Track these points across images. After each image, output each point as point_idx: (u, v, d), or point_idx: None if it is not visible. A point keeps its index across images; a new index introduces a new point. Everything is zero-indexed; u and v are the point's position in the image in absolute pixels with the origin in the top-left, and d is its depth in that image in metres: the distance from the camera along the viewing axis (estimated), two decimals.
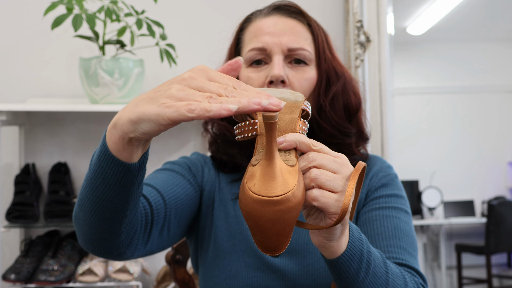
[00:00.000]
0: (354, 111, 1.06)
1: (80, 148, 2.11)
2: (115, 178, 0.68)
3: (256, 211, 0.60)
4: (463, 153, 6.25)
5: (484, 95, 6.32)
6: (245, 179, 0.63)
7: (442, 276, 5.57)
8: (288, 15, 1.03)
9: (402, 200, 1.03)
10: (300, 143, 0.67)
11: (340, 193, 0.66)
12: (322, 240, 0.72)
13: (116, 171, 0.68)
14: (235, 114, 0.58)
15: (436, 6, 5.06)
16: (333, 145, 1.03)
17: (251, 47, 1.01)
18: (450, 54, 6.30)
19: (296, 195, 0.61)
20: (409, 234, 0.97)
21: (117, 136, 0.65)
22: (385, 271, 0.79)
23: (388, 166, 1.08)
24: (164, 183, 0.96)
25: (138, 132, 0.62)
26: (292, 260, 0.97)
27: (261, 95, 0.57)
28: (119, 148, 0.66)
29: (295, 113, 0.71)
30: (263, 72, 1.00)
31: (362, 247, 0.76)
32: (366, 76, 2.16)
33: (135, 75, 1.87)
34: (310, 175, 0.66)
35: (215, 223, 1.03)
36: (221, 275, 0.98)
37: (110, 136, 0.67)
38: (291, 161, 0.65)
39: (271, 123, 0.59)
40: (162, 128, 0.59)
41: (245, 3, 2.17)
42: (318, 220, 0.70)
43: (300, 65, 1.01)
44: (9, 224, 1.86)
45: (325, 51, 1.04)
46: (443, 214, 5.79)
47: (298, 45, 1.00)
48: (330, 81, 1.04)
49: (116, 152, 0.66)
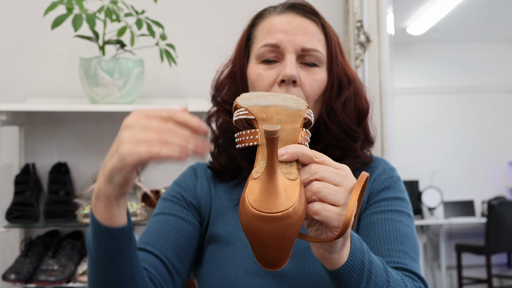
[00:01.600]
0: (364, 116, 1.05)
1: (80, 148, 2.11)
2: (116, 246, 0.77)
3: (257, 227, 0.60)
4: (463, 153, 6.25)
5: (484, 95, 6.32)
6: (246, 192, 0.62)
7: (442, 276, 5.57)
8: (303, 14, 1.02)
9: (405, 203, 1.02)
10: (302, 155, 0.66)
11: (342, 207, 0.65)
12: (323, 252, 0.71)
13: (114, 238, 0.76)
14: (234, 122, 0.68)
15: (436, 6, 5.06)
16: (339, 149, 1.03)
17: (264, 43, 1.00)
18: (450, 54, 6.30)
19: (297, 211, 0.60)
20: (411, 238, 0.96)
21: (103, 205, 0.74)
22: (387, 280, 0.78)
23: (391, 168, 1.07)
24: (156, 238, 0.99)
25: (116, 187, 0.71)
26: (292, 264, 0.96)
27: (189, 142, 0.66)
28: (109, 215, 0.75)
29: (297, 122, 0.70)
30: (275, 70, 0.99)
31: (363, 257, 0.75)
32: (366, 76, 2.16)
33: (135, 75, 1.87)
34: (312, 188, 0.65)
35: (213, 232, 1.03)
36: (219, 283, 0.97)
37: (96, 210, 0.75)
38: (293, 174, 0.64)
39: (273, 138, 0.58)
40: (129, 171, 0.68)
41: (245, 3, 2.17)
42: (319, 232, 0.69)
43: (311, 66, 1.00)
44: (9, 224, 1.85)
45: (337, 54, 1.03)
46: (443, 214, 5.79)
47: (312, 46, 0.99)
48: (342, 85, 1.02)
49: (108, 221, 0.75)
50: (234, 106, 0.72)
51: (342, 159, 1.03)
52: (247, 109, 0.70)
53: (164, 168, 2.15)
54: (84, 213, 1.82)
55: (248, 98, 0.72)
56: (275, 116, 0.70)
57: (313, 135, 1.04)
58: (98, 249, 0.78)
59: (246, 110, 0.70)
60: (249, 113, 0.70)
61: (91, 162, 2.11)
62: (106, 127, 2.13)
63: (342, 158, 1.03)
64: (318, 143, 1.03)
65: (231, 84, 1.07)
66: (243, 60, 1.06)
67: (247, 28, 1.07)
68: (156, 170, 2.15)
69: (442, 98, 6.29)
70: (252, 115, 0.70)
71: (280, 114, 0.70)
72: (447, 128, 6.27)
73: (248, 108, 0.70)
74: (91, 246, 0.80)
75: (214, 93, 1.10)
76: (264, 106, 0.70)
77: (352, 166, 1.03)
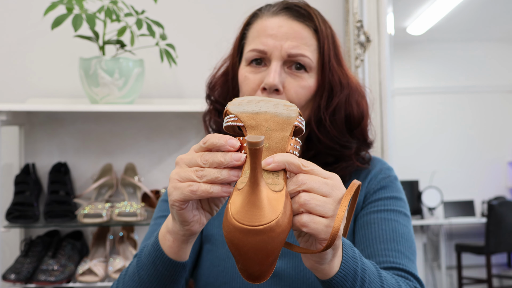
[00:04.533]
0: (356, 123, 1.02)
1: (80, 148, 2.11)
2: (172, 278, 0.80)
3: (238, 239, 0.58)
4: (463, 153, 6.25)
5: (484, 95, 6.32)
6: (229, 204, 0.60)
7: (442, 276, 5.57)
8: (296, 18, 0.99)
9: (401, 203, 1.01)
10: (289, 164, 0.64)
11: (331, 218, 0.63)
12: (314, 263, 0.69)
13: (173, 271, 0.79)
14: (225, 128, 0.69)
15: (436, 6, 5.06)
16: (332, 156, 1.02)
17: (252, 47, 0.99)
18: (450, 54, 6.30)
19: (281, 224, 0.59)
20: (407, 237, 0.96)
21: (172, 239, 0.76)
22: (381, 285, 0.77)
23: (388, 168, 1.06)
24: None
25: (177, 224, 0.72)
26: (289, 264, 0.96)
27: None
28: (175, 250, 0.77)
29: (287, 130, 0.67)
30: (260, 75, 0.98)
31: (356, 266, 0.73)
32: (366, 76, 2.16)
33: (135, 75, 1.87)
34: (299, 200, 0.63)
35: (208, 232, 1.03)
36: (215, 282, 0.97)
37: (165, 241, 0.78)
38: (278, 185, 0.62)
39: (255, 149, 0.56)
40: (179, 207, 0.69)
41: (245, 3, 2.17)
42: (309, 243, 0.67)
43: (299, 72, 0.98)
44: (9, 224, 1.85)
45: (330, 59, 1.00)
46: (443, 214, 5.79)
47: (299, 51, 0.96)
48: (334, 91, 1.00)
49: (172, 255, 0.78)
50: (225, 112, 0.71)
51: (337, 163, 1.02)
52: (236, 116, 0.69)
53: (164, 168, 2.15)
54: (84, 213, 1.82)
55: (239, 104, 0.70)
56: (264, 123, 0.68)
57: (306, 141, 1.03)
58: (153, 275, 0.80)
59: (235, 116, 0.69)
60: (238, 119, 0.68)
61: (91, 162, 2.11)
62: (106, 127, 2.13)
63: (336, 163, 1.02)
64: (311, 149, 1.02)
65: (224, 83, 1.07)
66: (236, 59, 1.05)
67: (242, 27, 1.06)
68: (156, 170, 2.15)
69: (442, 98, 6.29)
70: (241, 122, 0.68)
71: (269, 122, 0.68)
72: (447, 128, 6.27)
73: (238, 115, 0.69)
74: (144, 268, 0.81)
75: (208, 92, 1.10)
76: (253, 113, 0.69)
77: (347, 169, 1.02)
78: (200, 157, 0.66)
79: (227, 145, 0.65)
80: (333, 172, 1.00)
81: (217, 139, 0.65)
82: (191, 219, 0.71)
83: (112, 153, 2.12)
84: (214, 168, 0.65)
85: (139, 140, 2.15)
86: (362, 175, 1.04)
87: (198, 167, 0.66)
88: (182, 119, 2.16)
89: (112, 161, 2.10)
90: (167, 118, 2.15)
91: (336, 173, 1.00)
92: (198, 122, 2.14)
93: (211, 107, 1.09)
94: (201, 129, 2.15)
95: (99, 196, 1.99)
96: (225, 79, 1.07)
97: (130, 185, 2.04)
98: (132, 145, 2.14)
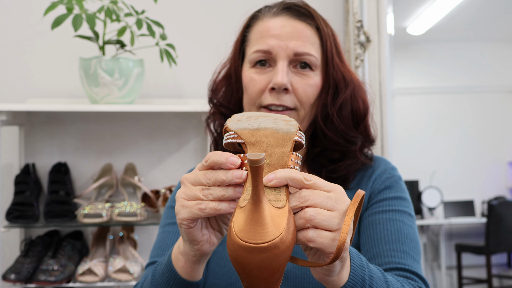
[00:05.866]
0: (362, 118, 1.03)
1: (80, 148, 2.11)
2: None
3: (243, 258, 0.58)
4: (463, 153, 6.25)
5: (484, 95, 6.32)
6: (232, 221, 0.60)
7: (442, 276, 5.57)
8: (297, 17, 1.00)
9: (406, 203, 1.01)
10: (291, 180, 0.63)
11: (337, 231, 0.63)
12: (322, 276, 0.69)
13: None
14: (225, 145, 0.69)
15: (436, 6, 5.06)
16: (338, 152, 1.02)
17: (256, 48, 0.99)
18: (450, 54, 6.30)
19: (285, 240, 0.58)
20: (412, 238, 0.96)
21: (184, 260, 0.77)
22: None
23: (392, 167, 1.06)
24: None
25: (187, 244, 0.73)
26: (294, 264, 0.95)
27: None
28: (188, 271, 0.78)
29: (287, 146, 0.67)
30: (267, 76, 0.98)
31: (364, 274, 0.73)
32: (366, 76, 2.16)
33: (135, 75, 1.87)
34: (305, 215, 0.62)
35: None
36: (221, 283, 0.97)
37: (177, 261, 0.79)
38: (281, 201, 0.62)
39: (256, 167, 0.56)
40: (187, 226, 0.69)
41: (245, 3, 2.17)
42: (316, 257, 0.67)
43: (305, 70, 0.98)
44: (9, 224, 1.85)
45: (333, 57, 1.01)
46: (443, 214, 5.79)
47: (305, 50, 0.97)
48: (339, 88, 1.01)
49: (186, 275, 0.79)
50: (224, 128, 0.71)
51: (342, 160, 1.03)
52: (236, 133, 0.69)
53: (164, 168, 2.15)
54: (84, 213, 1.82)
55: (238, 120, 0.70)
56: (264, 139, 0.68)
57: (311, 138, 1.04)
58: None
59: (235, 133, 0.69)
60: (238, 136, 0.68)
61: (91, 162, 2.11)
62: (106, 127, 2.13)
63: (341, 160, 1.03)
64: (316, 145, 1.03)
65: (227, 85, 1.07)
66: (238, 62, 1.05)
67: (242, 30, 1.06)
68: (156, 170, 2.15)
69: (442, 98, 6.29)
70: (241, 139, 0.68)
71: (269, 138, 0.68)
72: (447, 128, 6.27)
73: (238, 132, 0.68)
74: (158, 286, 0.83)
75: (210, 95, 1.09)
76: (253, 129, 0.68)
77: (352, 166, 1.02)
78: (203, 176, 0.66)
79: (228, 163, 0.64)
80: (338, 171, 0.98)
81: (217, 157, 0.65)
82: (200, 238, 0.71)
83: (112, 153, 2.12)
84: (218, 186, 0.65)
85: (139, 140, 2.15)
86: (366, 175, 1.05)
87: (202, 185, 0.66)
88: (182, 119, 2.16)
89: (112, 161, 2.10)
90: (167, 118, 2.15)
91: (341, 171, 1.02)
92: (198, 122, 2.14)
93: (215, 110, 1.09)
94: (201, 129, 2.15)
95: (99, 196, 1.99)
96: (228, 82, 1.07)
97: (130, 185, 2.04)
98: (132, 145, 2.14)
